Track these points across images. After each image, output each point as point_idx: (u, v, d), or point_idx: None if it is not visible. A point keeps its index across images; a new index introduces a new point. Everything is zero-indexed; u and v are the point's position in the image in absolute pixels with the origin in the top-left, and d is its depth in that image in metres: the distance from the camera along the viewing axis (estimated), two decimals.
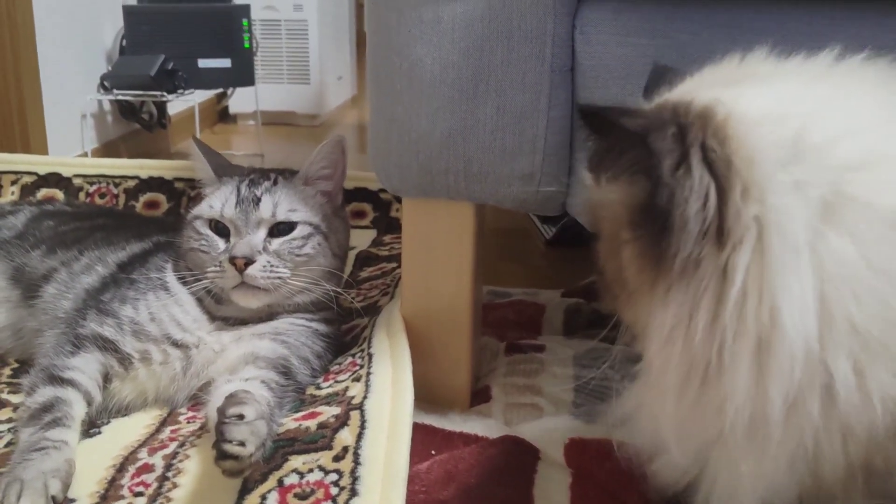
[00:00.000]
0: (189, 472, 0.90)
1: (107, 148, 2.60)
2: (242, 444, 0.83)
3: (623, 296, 0.70)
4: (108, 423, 1.03)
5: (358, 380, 0.99)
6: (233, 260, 1.04)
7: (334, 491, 0.81)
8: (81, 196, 1.79)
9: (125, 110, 2.68)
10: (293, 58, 3.36)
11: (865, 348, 0.59)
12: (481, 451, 0.98)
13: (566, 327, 1.34)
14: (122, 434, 1.00)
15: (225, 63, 2.76)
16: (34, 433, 0.91)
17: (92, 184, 1.81)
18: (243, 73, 2.81)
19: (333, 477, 0.82)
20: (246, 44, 2.79)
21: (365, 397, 0.93)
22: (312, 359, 1.08)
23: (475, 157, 0.96)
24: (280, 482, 0.83)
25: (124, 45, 2.67)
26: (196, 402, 1.06)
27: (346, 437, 0.87)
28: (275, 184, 1.12)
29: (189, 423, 1.02)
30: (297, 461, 0.86)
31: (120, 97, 2.57)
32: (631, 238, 0.67)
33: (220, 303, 1.09)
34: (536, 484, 0.93)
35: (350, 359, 1.07)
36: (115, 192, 1.80)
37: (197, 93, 2.66)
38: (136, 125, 2.74)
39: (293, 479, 0.83)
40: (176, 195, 1.79)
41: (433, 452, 0.98)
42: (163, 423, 1.03)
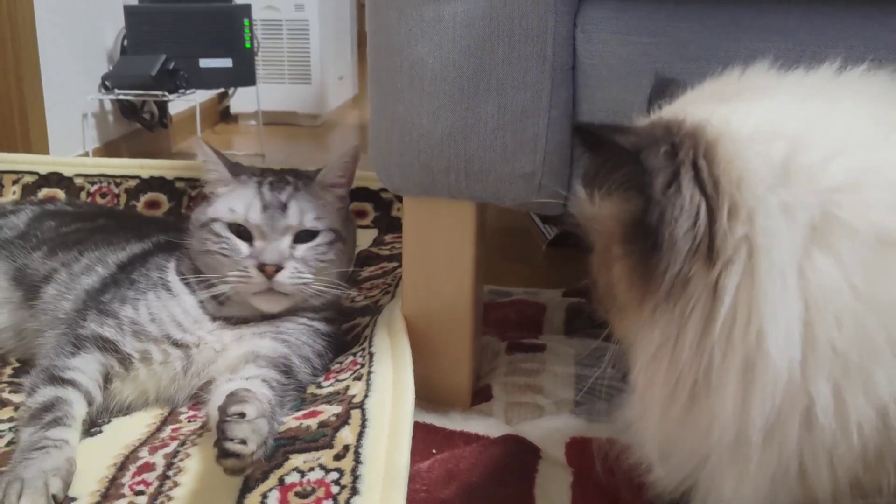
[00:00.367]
0: (190, 471, 0.90)
1: (108, 148, 2.60)
2: (244, 443, 0.83)
3: (613, 310, 0.71)
4: (108, 422, 1.03)
5: (359, 379, 0.99)
6: (262, 266, 1.05)
7: (335, 490, 0.81)
8: (83, 196, 1.79)
9: (126, 110, 2.68)
10: (294, 58, 3.35)
11: (845, 373, 0.59)
12: (482, 450, 0.98)
13: (567, 327, 1.34)
14: (123, 433, 1.00)
15: (226, 63, 2.76)
16: (35, 432, 0.92)
17: (93, 183, 1.81)
18: (244, 73, 2.81)
19: (334, 476, 0.82)
20: (247, 44, 2.79)
21: (366, 396, 0.93)
22: (313, 357, 1.08)
23: (476, 155, 0.96)
24: (281, 481, 0.83)
25: (125, 44, 2.67)
26: (197, 401, 1.06)
27: (346, 435, 0.87)
28: (296, 189, 1.12)
29: (190, 422, 1.02)
30: (297, 460, 0.86)
31: (121, 97, 2.57)
32: (622, 254, 0.67)
33: (222, 304, 1.09)
34: (537, 483, 0.93)
35: (351, 358, 1.07)
36: (116, 191, 1.80)
37: (198, 93, 2.65)
38: (138, 125, 2.74)
39: (294, 477, 0.84)
40: (177, 195, 1.79)
41: (434, 451, 0.98)
42: (164, 422, 1.03)
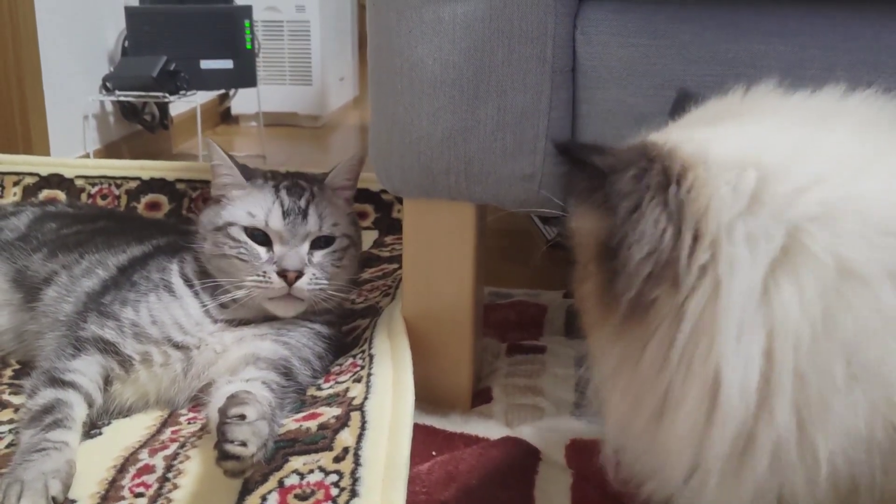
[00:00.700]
0: (190, 473, 0.90)
1: (109, 149, 2.60)
2: (244, 445, 0.83)
3: (586, 323, 0.72)
4: (108, 424, 1.03)
5: (359, 381, 0.98)
6: (284, 272, 1.05)
7: (335, 492, 0.81)
8: (83, 197, 1.79)
9: (127, 111, 2.68)
10: (295, 59, 3.36)
11: (807, 404, 0.58)
12: (482, 452, 0.97)
13: (568, 328, 1.34)
14: (123, 435, 1.00)
15: (227, 64, 2.76)
16: (35, 434, 0.92)
17: (94, 185, 1.81)
18: (245, 75, 2.82)
19: (334, 478, 0.82)
20: (248, 45, 2.79)
21: (366, 398, 0.93)
22: (313, 360, 1.08)
23: (476, 157, 0.96)
24: (280, 483, 0.83)
25: (126, 46, 2.67)
26: (197, 403, 1.05)
27: (346, 437, 0.87)
28: (313, 195, 1.12)
29: (190, 423, 1.02)
30: (297, 462, 0.85)
31: (122, 98, 2.58)
32: (594, 271, 0.68)
33: (225, 307, 1.09)
34: (537, 485, 0.93)
35: (351, 360, 1.07)
36: (117, 193, 1.80)
37: (199, 94, 2.66)
38: (138, 126, 2.74)
39: (294, 479, 0.83)
40: (177, 196, 1.79)
41: (434, 453, 0.98)
42: (164, 424, 1.03)
